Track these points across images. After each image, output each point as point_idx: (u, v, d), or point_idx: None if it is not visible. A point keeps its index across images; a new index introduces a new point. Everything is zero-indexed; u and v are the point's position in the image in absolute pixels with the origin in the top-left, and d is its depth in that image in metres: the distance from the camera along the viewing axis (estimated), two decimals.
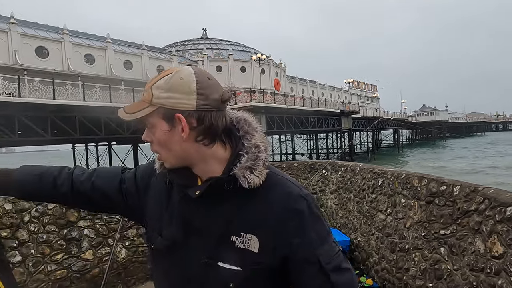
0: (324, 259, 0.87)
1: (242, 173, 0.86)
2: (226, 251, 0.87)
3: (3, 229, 4.60)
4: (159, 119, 0.85)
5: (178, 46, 34.33)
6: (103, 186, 1.05)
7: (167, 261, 0.95)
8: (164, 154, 0.89)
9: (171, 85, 0.83)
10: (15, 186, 1.07)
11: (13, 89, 17.25)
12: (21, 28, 21.56)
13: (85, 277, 5.10)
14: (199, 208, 0.90)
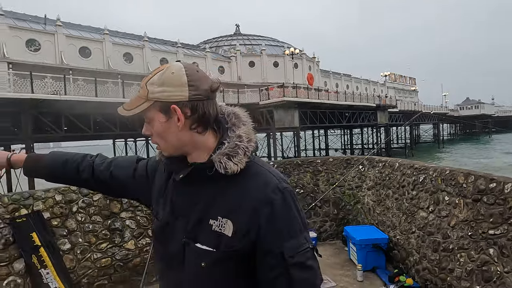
0: (287, 252, 0.88)
1: (218, 159, 0.92)
2: (203, 233, 0.93)
3: (54, 218, 4.93)
4: (156, 112, 0.93)
5: (211, 43, 34.80)
6: (119, 175, 1.19)
7: (159, 241, 1.04)
8: (163, 144, 0.97)
9: (163, 80, 0.91)
10: (44, 169, 1.23)
11: (59, 88, 18.32)
12: (66, 30, 22.83)
13: (127, 266, 5.35)
14: (184, 192, 0.99)
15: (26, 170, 1.26)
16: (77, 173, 1.21)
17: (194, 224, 0.94)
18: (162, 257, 1.03)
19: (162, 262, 1.03)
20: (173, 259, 0.98)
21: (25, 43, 21.08)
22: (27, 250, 4.50)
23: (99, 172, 1.20)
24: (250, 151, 0.95)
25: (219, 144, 0.95)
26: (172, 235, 0.99)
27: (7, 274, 4.33)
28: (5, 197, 4.73)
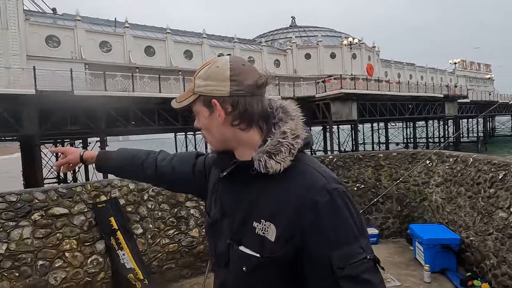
0: (336, 263, 0.79)
1: (258, 157, 0.86)
2: (247, 235, 0.89)
3: (128, 205, 5.39)
4: (201, 106, 0.93)
5: (267, 37, 34.86)
6: (180, 170, 1.22)
7: (212, 238, 1.04)
8: (209, 138, 0.96)
9: (208, 74, 0.90)
10: (112, 166, 1.32)
11: (128, 85, 19.77)
12: (133, 31, 24.52)
13: (192, 252, 5.67)
14: (229, 190, 0.96)
15: (97, 166, 1.37)
16: (142, 169, 1.27)
17: (239, 225, 0.91)
18: (213, 253, 1.03)
19: (213, 258, 1.03)
20: (220, 258, 0.97)
21: (99, 45, 23.07)
22: (106, 233, 4.99)
23: (161, 167, 1.24)
24: (297, 149, 0.88)
25: (264, 142, 0.90)
26: (220, 234, 0.97)
27: (91, 253, 4.86)
28: (88, 184, 5.29)
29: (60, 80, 17.28)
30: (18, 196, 4.65)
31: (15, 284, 4.29)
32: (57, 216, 4.76)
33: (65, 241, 4.74)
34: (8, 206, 4.51)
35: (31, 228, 4.55)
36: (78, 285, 4.67)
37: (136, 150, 1.33)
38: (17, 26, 19.28)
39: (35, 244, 4.52)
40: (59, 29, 21.70)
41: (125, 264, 4.93)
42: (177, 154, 1.30)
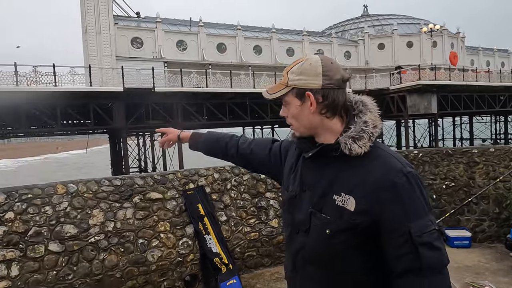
0: (415, 231, 0.95)
1: (344, 141, 1.03)
2: (327, 206, 1.05)
3: (213, 193, 5.71)
4: (293, 97, 1.10)
5: (337, 28, 33.75)
6: (258, 152, 1.43)
7: (288, 211, 1.20)
8: (296, 125, 1.13)
9: (302, 70, 1.07)
10: (202, 145, 1.54)
11: (201, 81, 20.79)
12: (206, 29, 25.66)
13: (272, 242, 5.82)
14: (311, 169, 1.13)
15: (190, 145, 1.59)
16: (225, 150, 1.49)
17: (319, 197, 1.08)
18: (290, 223, 1.19)
19: (289, 228, 1.19)
20: (299, 225, 1.13)
21: (176, 44, 24.61)
22: (195, 218, 5.36)
23: (242, 149, 1.45)
24: (375, 136, 1.05)
25: (346, 128, 1.07)
26: (300, 205, 1.14)
27: (182, 235, 5.27)
28: (178, 172, 5.72)
29: (144, 78, 18.85)
30: (122, 180, 5.23)
31: (120, 258, 4.85)
32: (153, 200, 5.25)
33: (160, 223, 5.20)
34: (114, 189, 5.10)
35: (133, 209, 5.09)
36: (171, 264, 5.10)
37: (221, 133, 1.56)
38: (108, 30, 21.48)
39: (136, 224, 5.05)
40: (142, 31, 23.65)
41: (211, 248, 5.25)
42: (255, 139, 1.52)
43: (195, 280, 5.25)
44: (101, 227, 4.87)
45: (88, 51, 21.46)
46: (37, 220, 4.61)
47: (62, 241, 4.64)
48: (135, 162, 25.87)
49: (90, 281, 4.64)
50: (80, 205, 4.86)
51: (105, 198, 5.03)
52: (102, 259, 4.76)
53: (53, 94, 16.04)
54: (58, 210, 4.73)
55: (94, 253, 4.75)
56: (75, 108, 17.36)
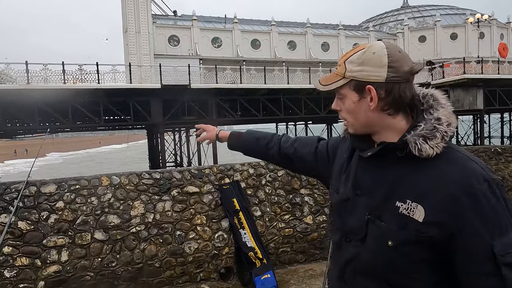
0: (498, 250, 0.81)
1: (414, 139, 0.89)
2: (388, 213, 0.91)
3: (248, 188, 5.78)
4: (350, 90, 0.95)
5: (375, 21, 32.62)
6: (302, 151, 1.31)
7: (338, 214, 1.07)
8: (351, 121, 1.00)
9: (363, 60, 0.92)
10: (242, 145, 1.46)
11: (236, 77, 20.98)
12: (241, 26, 25.81)
13: (306, 238, 5.79)
14: (369, 170, 0.99)
15: (229, 144, 1.51)
16: (266, 150, 1.40)
17: (378, 203, 0.94)
18: (339, 229, 1.05)
19: (340, 233, 1.05)
20: (352, 233, 1.00)
21: (211, 41, 25.00)
22: (230, 212, 5.45)
23: (284, 148, 1.35)
24: (449, 136, 0.91)
25: (413, 126, 0.92)
26: (353, 210, 1.01)
27: (217, 229, 5.38)
28: (214, 167, 5.84)
29: (180, 75, 19.34)
30: (161, 174, 5.42)
31: (159, 248, 5.05)
32: (190, 193, 5.40)
33: (197, 216, 5.35)
34: (154, 182, 5.31)
35: (171, 202, 5.27)
36: (207, 256, 5.24)
37: (262, 132, 1.47)
38: (147, 29, 22.24)
39: (174, 217, 5.23)
40: (178, 29, 24.25)
41: (246, 243, 5.32)
42: (299, 138, 1.40)
43: (229, 273, 5.35)
44: (142, 218, 5.09)
45: (128, 49, 22.35)
46: (84, 209, 4.90)
47: (106, 230, 4.90)
48: (171, 157, 26.70)
49: (131, 269, 4.88)
50: (122, 197, 5.10)
51: (145, 190, 5.25)
52: (143, 249, 4.98)
53: (96, 91, 16.90)
54: (102, 201, 5.00)
55: (135, 243, 4.98)
56: (116, 104, 18.19)
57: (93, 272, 4.75)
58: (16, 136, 26.22)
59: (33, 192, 4.80)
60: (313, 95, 21.64)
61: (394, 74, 0.91)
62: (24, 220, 4.66)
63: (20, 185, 4.77)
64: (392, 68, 0.91)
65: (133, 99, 17.71)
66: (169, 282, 5.06)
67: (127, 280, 4.88)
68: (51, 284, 4.59)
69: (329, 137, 28.63)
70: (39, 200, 4.79)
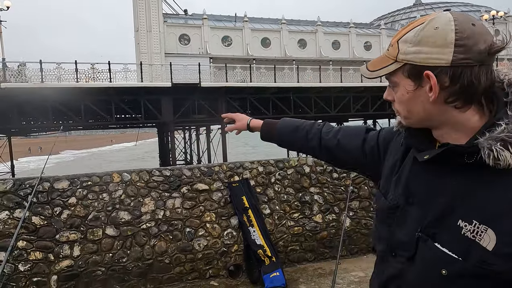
0: None
1: (489, 144, 0.68)
2: (446, 234, 0.74)
3: (257, 186, 5.77)
4: (404, 77, 0.77)
5: (386, 18, 32.28)
6: (346, 144, 1.12)
7: (383, 222, 0.91)
8: (405, 114, 0.81)
9: (421, 38, 0.72)
10: (277, 135, 1.28)
11: (246, 76, 21.02)
12: (251, 24, 25.84)
13: (315, 237, 5.76)
14: (426, 176, 0.81)
15: (262, 135, 1.34)
16: (306, 140, 1.21)
17: (435, 219, 0.76)
18: (385, 240, 0.90)
19: (385, 244, 0.90)
20: (399, 248, 0.84)
21: (221, 40, 25.09)
22: (239, 210, 5.46)
23: (326, 140, 1.16)
24: None
25: (490, 125, 0.71)
26: (402, 221, 0.84)
27: (226, 226, 5.40)
28: (224, 165, 5.86)
29: (190, 74, 19.45)
30: (171, 171, 5.47)
31: (169, 245, 5.09)
32: (200, 191, 5.43)
33: (206, 214, 5.38)
34: (164, 179, 5.35)
35: (181, 199, 5.30)
36: (216, 253, 5.26)
37: (300, 121, 1.28)
38: (158, 28, 22.44)
39: (183, 214, 5.27)
40: (189, 28, 24.41)
41: (255, 240, 5.32)
42: (343, 128, 1.20)
43: (238, 270, 5.37)
44: (152, 215, 5.14)
45: (140, 48, 22.58)
46: (95, 205, 4.97)
47: (117, 226, 4.97)
48: (181, 155, 26.89)
49: (142, 264, 4.94)
50: (133, 193, 5.16)
51: (156, 187, 5.30)
52: (153, 245, 5.03)
53: (108, 89, 17.12)
54: (114, 197, 5.07)
55: (145, 239, 5.03)
56: (127, 103, 18.41)
57: (104, 267, 4.82)
58: (31, 134, 26.79)
59: (46, 188, 4.89)
60: (323, 94, 21.54)
61: (464, 55, 0.68)
62: (38, 215, 4.76)
63: (34, 181, 4.86)
64: (461, 47, 0.68)
65: (144, 98, 17.90)
66: (178, 278, 5.10)
67: (137, 275, 4.94)
68: (64, 278, 4.68)
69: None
70: (52, 195, 4.88)
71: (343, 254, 5.64)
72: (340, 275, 5.04)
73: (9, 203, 4.71)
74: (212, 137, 23.55)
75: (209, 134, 23.95)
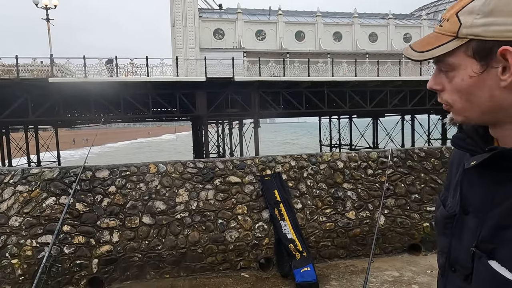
0: None
1: None
2: (505, 248, 0.63)
3: (289, 180, 5.75)
4: (467, 57, 0.63)
5: (428, 8, 30.64)
6: None
7: (444, 234, 0.80)
8: (462, 105, 0.67)
9: (494, 6, 0.59)
10: None
11: (279, 70, 20.87)
12: (285, 18, 25.56)
13: (348, 234, 5.65)
14: (476, 182, 0.71)
15: None
16: None
17: (491, 231, 0.67)
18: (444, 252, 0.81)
19: (444, 258, 0.82)
20: (457, 263, 0.76)
21: (255, 34, 25.06)
22: (271, 204, 5.47)
23: None
24: None
25: None
26: (460, 232, 0.76)
27: (258, 219, 5.44)
28: (256, 158, 5.88)
29: (224, 68, 19.64)
30: (205, 163, 5.58)
31: (202, 235, 5.22)
32: (232, 183, 5.50)
33: (238, 206, 5.44)
34: (198, 171, 5.47)
35: (214, 191, 5.41)
36: (248, 246, 5.32)
37: None
38: (193, 23, 22.82)
39: (216, 205, 5.37)
40: (223, 23, 24.59)
41: (286, 235, 5.32)
42: None
43: (269, 263, 5.40)
44: (186, 206, 5.28)
45: (176, 43, 23.10)
46: (133, 194, 5.19)
47: (153, 215, 5.16)
48: (214, 148, 27.36)
49: (175, 253, 5.10)
50: (168, 184, 5.32)
51: (190, 179, 5.43)
52: (186, 235, 5.18)
53: (145, 83, 17.71)
54: (150, 187, 5.26)
55: (179, 229, 5.19)
56: (163, 96, 18.95)
57: (140, 253, 5.04)
58: (75, 126, 28.42)
59: (88, 177, 5.17)
60: (358, 88, 20.93)
61: None
62: (81, 202, 5.05)
63: (77, 169, 5.16)
64: None
65: (179, 92, 18.34)
66: (210, 268, 5.22)
67: (171, 263, 5.11)
68: (104, 262, 4.94)
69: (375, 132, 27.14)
70: (94, 184, 5.15)
71: (376, 252, 5.50)
72: (373, 274, 4.92)
73: (56, 189, 5.04)
74: (244, 131, 23.73)
75: (242, 128, 24.13)
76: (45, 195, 5.00)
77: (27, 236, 4.83)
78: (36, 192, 5.01)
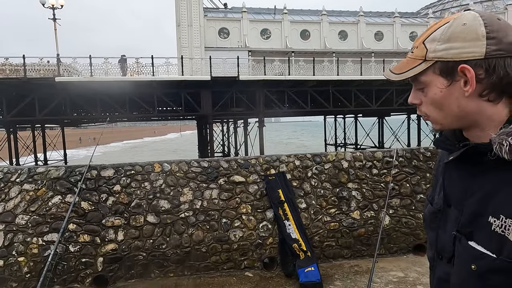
0: None
1: (500, 139, 0.71)
2: (480, 231, 0.76)
3: (293, 180, 5.73)
4: (435, 75, 0.78)
5: (435, 7, 30.37)
6: None
7: (431, 228, 0.93)
8: (436, 114, 0.82)
9: (450, 34, 0.75)
10: None
11: (284, 69, 20.83)
12: (291, 17, 25.51)
13: (352, 234, 5.63)
14: (456, 177, 0.85)
15: None
16: None
17: (468, 218, 0.79)
18: (433, 244, 0.93)
19: (433, 249, 0.93)
20: (443, 251, 0.87)
21: (260, 33, 25.04)
22: (275, 203, 5.46)
23: None
24: None
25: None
26: (444, 224, 0.88)
27: (262, 219, 5.43)
28: (260, 158, 5.88)
29: (229, 67, 19.65)
30: (209, 163, 5.59)
31: (206, 234, 5.23)
32: (236, 183, 5.50)
33: (242, 205, 5.44)
34: (202, 170, 5.48)
35: (218, 190, 5.41)
36: (252, 245, 5.32)
37: None
38: (198, 22, 22.86)
39: (220, 204, 5.37)
40: (228, 22, 24.62)
41: (290, 234, 5.31)
42: None
43: (273, 263, 5.39)
44: (190, 205, 5.30)
45: (181, 43, 23.16)
46: (138, 193, 5.22)
47: (157, 214, 5.18)
48: (219, 147, 27.40)
49: (180, 252, 5.12)
50: (172, 183, 5.34)
51: (194, 178, 5.44)
52: (191, 234, 5.20)
53: (151, 83, 17.79)
54: (154, 186, 5.28)
55: (184, 228, 5.21)
56: (168, 95, 19.01)
57: (145, 252, 5.06)
58: (81, 125, 28.64)
59: (94, 176, 5.20)
60: (364, 87, 20.82)
61: (496, 46, 0.72)
62: (86, 200, 5.08)
63: (83, 168, 5.20)
64: (493, 39, 0.72)
65: (184, 91, 18.39)
66: (214, 267, 5.24)
67: (175, 262, 5.13)
68: (109, 260, 4.98)
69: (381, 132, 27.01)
70: (99, 183, 5.19)
71: (381, 252, 5.47)
72: (378, 274, 4.89)
73: (62, 188, 5.08)
74: (249, 130, 23.72)
75: (247, 127, 24.13)
76: (51, 194, 5.04)
77: (33, 234, 4.88)
78: (42, 190, 5.05)
